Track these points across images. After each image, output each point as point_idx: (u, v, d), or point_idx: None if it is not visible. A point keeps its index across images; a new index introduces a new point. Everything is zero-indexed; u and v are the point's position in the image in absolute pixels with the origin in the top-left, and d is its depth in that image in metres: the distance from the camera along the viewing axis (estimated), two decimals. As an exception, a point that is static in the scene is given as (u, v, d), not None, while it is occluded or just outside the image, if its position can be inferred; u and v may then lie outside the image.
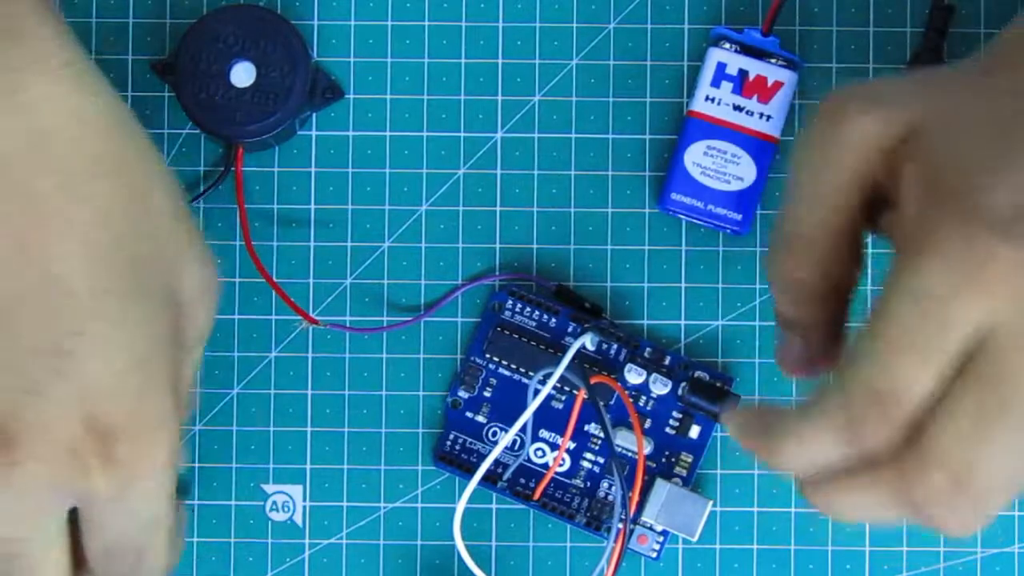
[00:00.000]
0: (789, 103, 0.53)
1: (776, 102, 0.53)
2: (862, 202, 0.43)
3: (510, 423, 0.49)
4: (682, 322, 0.54)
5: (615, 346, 0.53)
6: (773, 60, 0.53)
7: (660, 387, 0.53)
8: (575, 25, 0.55)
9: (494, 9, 0.54)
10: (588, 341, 0.49)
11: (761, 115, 0.53)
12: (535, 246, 0.54)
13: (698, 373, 0.53)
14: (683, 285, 0.54)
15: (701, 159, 0.53)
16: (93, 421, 0.41)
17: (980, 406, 0.40)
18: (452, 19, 0.54)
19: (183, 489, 0.52)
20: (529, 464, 0.54)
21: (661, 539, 0.53)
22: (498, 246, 0.54)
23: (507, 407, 0.53)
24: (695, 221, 0.54)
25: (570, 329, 0.53)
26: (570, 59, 0.55)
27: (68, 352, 0.41)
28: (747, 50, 0.53)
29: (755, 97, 0.53)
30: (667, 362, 0.53)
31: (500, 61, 0.55)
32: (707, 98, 0.53)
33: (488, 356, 0.53)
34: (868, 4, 0.54)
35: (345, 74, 0.54)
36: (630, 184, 0.54)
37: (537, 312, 0.53)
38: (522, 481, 0.53)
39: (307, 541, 0.55)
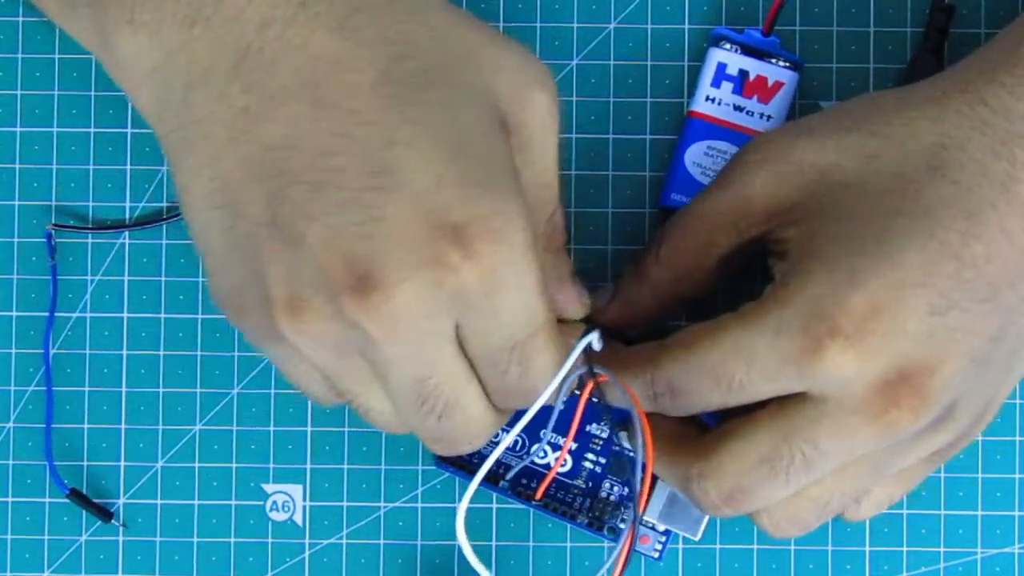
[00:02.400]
0: (790, 104, 0.53)
1: (777, 102, 0.53)
2: (738, 245, 0.48)
3: (512, 423, 0.49)
4: (683, 323, 0.54)
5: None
6: (774, 60, 0.53)
7: (662, 387, 0.53)
8: (575, 25, 0.55)
9: (495, 9, 0.54)
10: (595, 340, 0.48)
11: (762, 115, 0.53)
12: (535, 246, 0.54)
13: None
14: (683, 285, 0.54)
15: (702, 159, 0.53)
16: (437, 221, 0.41)
17: (770, 451, 0.45)
18: (453, 19, 0.54)
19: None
20: (531, 465, 0.53)
21: (664, 539, 0.53)
22: (498, 246, 0.54)
23: (510, 408, 0.53)
24: (696, 221, 0.54)
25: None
26: (571, 59, 0.55)
27: (385, 170, 0.41)
28: (748, 50, 0.53)
29: (755, 97, 0.53)
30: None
31: (501, 61, 0.54)
32: (708, 98, 0.53)
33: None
34: (868, 4, 0.54)
35: (346, 74, 0.54)
36: (631, 184, 0.54)
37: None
38: (524, 481, 0.53)
39: (307, 541, 0.55)
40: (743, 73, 0.53)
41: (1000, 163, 0.44)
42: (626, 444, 0.52)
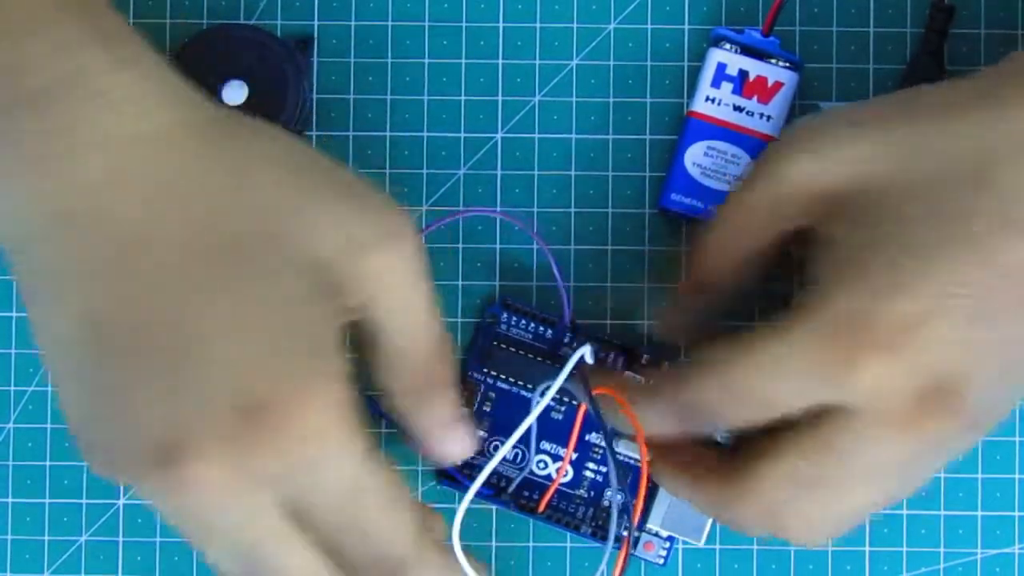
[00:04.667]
0: (789, 104, 0.53)
1: (776, 103, 0.53)
2: (779, 238, 0.47)
3: (508, 433, 0.49)
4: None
5: (612, 354, 0.53)
6: (773, 61, 0.53)
7: (660, 393, 0.53)
8: (575, 26, 0.54)
9: (494, 9, 0.54)
10: (587, 353, 0.48)
11: (761, 116, 0.53)
12: (535, 247, 0.54)
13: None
14: (683, 285, 0.54)
15: (701, 159, 0.53)
16: (243, 399, 0.41)
17: (806, 468, 0.44)
18: (452, 19, 0.54)
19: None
20: (531, 476, 0.53)
21: (668, 545, 0.53)
22: (498, 247, 0.54)
23: (507, 421, 0.53)
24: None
25: (566, 339, 0.53)
26: (570, 59, 0.55)
27: (191, 345, 0.42)
28: (747, 51, 0.53)
29: (755, 98, 0.53)
30: (666, 368, 0.53)
31: (500, 62, 0.54)
32: (707, 99, 0.53)
33: (485, 370, 0.53)
34: (868, 5, 0.54)
35: (345, 74, 0.54)
36: (630, 184, 0.54)
37: (532, 324, 0.53)
38: (525, 494, 0.53)
39: (308, 541, 0.55)
40: (743, 73, 0.53)
41: None
42: (621, 450, 0.52)
